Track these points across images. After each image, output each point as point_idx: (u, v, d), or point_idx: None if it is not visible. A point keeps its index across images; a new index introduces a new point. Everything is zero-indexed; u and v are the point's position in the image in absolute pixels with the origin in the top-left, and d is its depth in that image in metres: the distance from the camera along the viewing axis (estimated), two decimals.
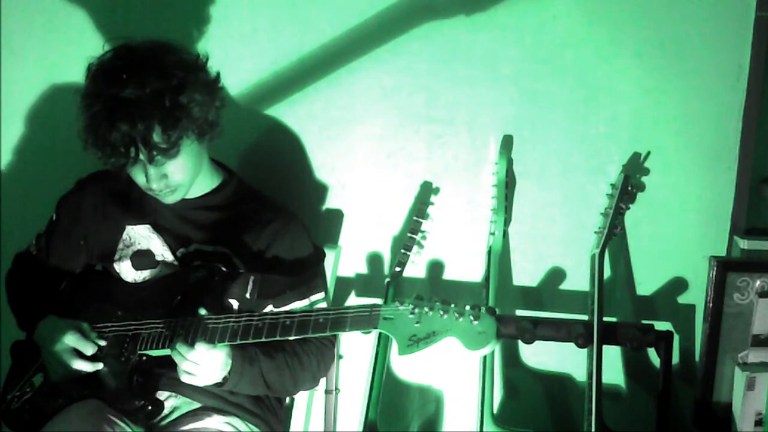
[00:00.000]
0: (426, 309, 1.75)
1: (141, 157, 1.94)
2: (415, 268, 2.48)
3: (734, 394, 2.35)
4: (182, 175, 2.03)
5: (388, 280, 2.43)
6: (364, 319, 1.80)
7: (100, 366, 1.99)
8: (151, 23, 2.47)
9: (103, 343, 2.01)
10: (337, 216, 2.54)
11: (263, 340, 1.87)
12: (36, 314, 2.11)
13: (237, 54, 2.45)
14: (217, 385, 1.97)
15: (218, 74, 2.07)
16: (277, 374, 2.04)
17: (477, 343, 1.70)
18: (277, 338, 1.86)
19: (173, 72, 1.94)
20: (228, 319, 1.91)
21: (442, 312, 1.74)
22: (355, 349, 2.53)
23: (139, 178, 2.03)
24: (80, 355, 1.98)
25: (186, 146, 1.99)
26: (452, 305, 1.74)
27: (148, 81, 1.91)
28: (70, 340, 1.98)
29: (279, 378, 2.05)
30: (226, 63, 2.15)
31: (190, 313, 1.97)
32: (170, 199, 2.08)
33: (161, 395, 2.06)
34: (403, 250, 2.41)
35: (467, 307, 1.73)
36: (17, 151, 2.64)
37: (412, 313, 1.76)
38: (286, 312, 1.91)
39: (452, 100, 2.43)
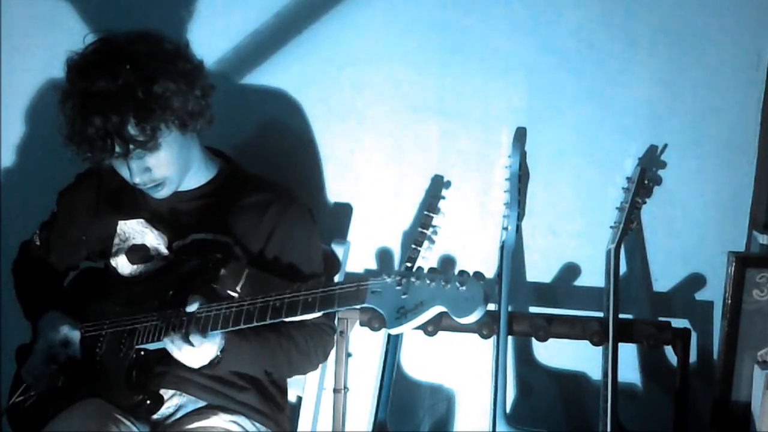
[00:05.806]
0: (413, 279, 1.71)
1: (118, 150, 1.91)
2: (426, 264, 2.44)
3: (753, 393, 2.33)
4: (166, 169, 1.99)
5: None
6: (352, 295, 1.75)
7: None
8: (154, 16, 2.45)
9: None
10: (346, 210, 2.51)
11: (255, 324, 1.84)
12: (39, 304, 2.13)
13: (242, 44, 2.43)
14: (213, 362, 1.93)
15: (201, 62, 2.03)
16: (271, 353, 2.02)
17: (464, 310, 1.65)
18: (269, 321, 1.83)
19: (146, 62, 1.91)
20: (220, 306, 1.88)
21: (428, 281, 1.69)
22: (364, 347, 2.51)
23: (123, 172, 2.00)
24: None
25: (166, 138, 1.95)
26: (439, 273, 1.70)
27: (119, 73, 1.88)
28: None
29: (272, 356, 2.03)
30: (229, 54, 2.12)
31: (184, 304, 1.93)
32: (160, 194, 2.04)
33: (166, 393, 2.05)
34: (413, 246, 2.38)
35: (454, 273, 1.68)
36: (19, 145, 2.62)
37: (399, 284, 1.71)
38: (276, 293, 1.86)
39: (464, 92, 2.41)
